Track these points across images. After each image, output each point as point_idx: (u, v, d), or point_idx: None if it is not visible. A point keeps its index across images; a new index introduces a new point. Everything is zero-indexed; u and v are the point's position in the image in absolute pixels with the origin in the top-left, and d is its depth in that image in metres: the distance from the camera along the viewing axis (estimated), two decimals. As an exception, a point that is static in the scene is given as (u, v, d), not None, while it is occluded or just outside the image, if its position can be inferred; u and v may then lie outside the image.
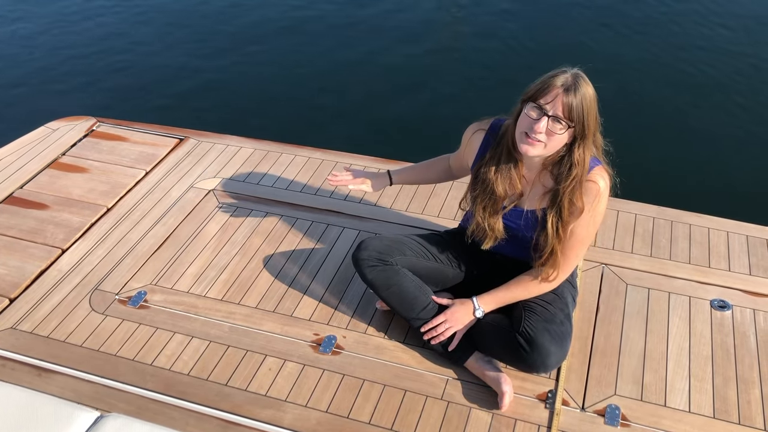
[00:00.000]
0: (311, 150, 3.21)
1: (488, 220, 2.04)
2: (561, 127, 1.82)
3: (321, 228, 2.72)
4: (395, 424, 1.97)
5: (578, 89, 1.80)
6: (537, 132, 1.83)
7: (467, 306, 2.09)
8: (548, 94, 1.81)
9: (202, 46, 5.60)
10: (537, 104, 1.82)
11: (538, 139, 1.84)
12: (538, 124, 1.82)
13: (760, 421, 1.96)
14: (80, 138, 3.33)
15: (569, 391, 2.05)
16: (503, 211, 2.04)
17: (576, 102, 1.79)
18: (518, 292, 2.07)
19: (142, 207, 2.86)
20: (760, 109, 4.51)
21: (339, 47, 5.48)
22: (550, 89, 1.81)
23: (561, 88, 1.80)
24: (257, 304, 2.38)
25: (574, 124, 1.82)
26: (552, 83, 1.81)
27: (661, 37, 5.38)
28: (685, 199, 3.15)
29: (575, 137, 1.86)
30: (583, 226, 1.96)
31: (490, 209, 2.03)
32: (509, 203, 2.03)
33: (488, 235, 2.07)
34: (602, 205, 1.95)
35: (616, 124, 4.34)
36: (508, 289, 2.08)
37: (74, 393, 2.08)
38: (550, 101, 1.81)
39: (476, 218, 2.07)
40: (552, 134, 1.83)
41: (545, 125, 1.82)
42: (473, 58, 5.23)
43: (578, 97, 1.79)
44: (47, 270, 2.55)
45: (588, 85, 1.83)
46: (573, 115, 1.81)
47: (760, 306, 2.33)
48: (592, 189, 1.92)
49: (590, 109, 1.82)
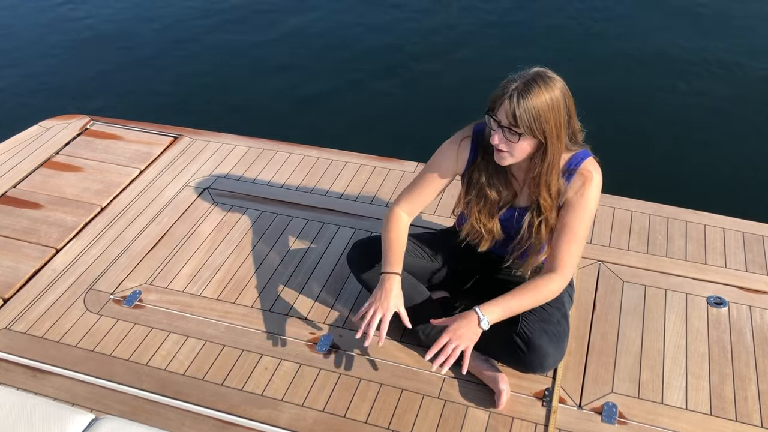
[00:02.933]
0: (306, 148, 3.20)
1: (484, 224, 2.02)
2: (512, 135, 1.77)
3: (317, 227, 2.71)
4: (392, 423, 1.96)
5: (525, 95, 1.72)
6: (495, 143, 1.81)
7: (470, 318, 1.89)
8: (498, 103, 1.77)
9: (196, 44, 5.57)
10: (491, 116, 1.80)
11: (501, 149, 1.82)
12: (494, 137, 1.80)
13: (757, 418, 1.96)
14: (74, 137, 3.31)
15: (566, 389, 2.05)
16: (499, 213, 2.03)
17: (520, 109, 1.72)
18: (526, 297, 1.91)
19: (137, 206, 2.85)
20: (756, 104, 4.51)
21: (334, 44, 5.47)
22: (499, 99, 1.77)
23: (506, 96, 1.75)
24: (253, 303, 2.37)
25: (525, 133, 1.76)
26: (500, 92, 1.77)
27: (658, 34, 5.38)
28: (682, 195, 3.15)
29: (541, 142, 1.80)
30: (573, 218, 1.91)
31: (485, 213, 2.01)
32: (504, 204, 2.02)
33: (485, 238, 2.05)
34: (592, 197, 1.90)
35: (612, 122, 4.34)
36: (514, 296, 1.91)
37: (69, 394, 2.07)
38: (498, 111, 1.78)
39: (471, 222, 2.04)
40: (509, 143, 1.79)
41: (501, 137, 1.79)
42: (474, 54, 5.21)
43: (522, 104, 1.71)
44: (41, 270, 2.54)
45: (543, 89, 1.73)
46: (520, 122, 1.73)
47: (756, 303, 2.33)
48: (578, 181, 1.89)
49: (544, 111, 1.73)
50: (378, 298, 1.98)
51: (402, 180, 2.94)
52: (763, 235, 2.61)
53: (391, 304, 1.97)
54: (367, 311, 1.98)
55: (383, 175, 2.99)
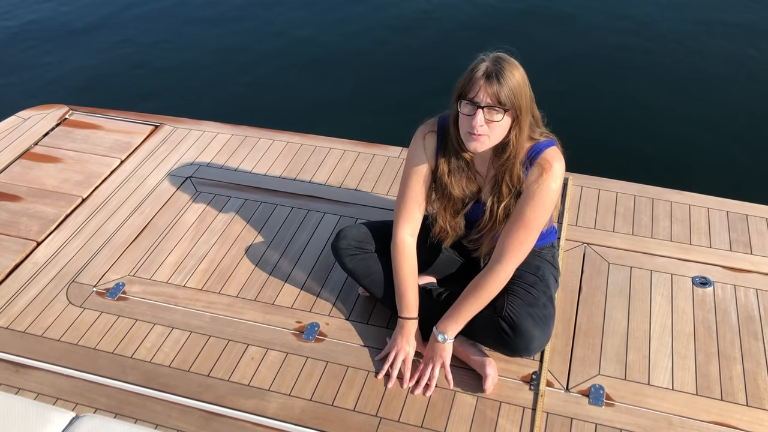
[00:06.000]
0: (289, 135, 3.16)
1: (449, 222, 2.05)
2: (497, 113, 1.79)
3: (301, 214, 2.69)
4: (380, 410, 1.96)
5: (501, 74, 1.76)
6: (476, 127, 1.80)
7: (431, 340, 2.01)
8: (474, 86, 1.78)
9: (174, 32, 5.49)
10: (468, 100, 1.80)
11: (480, 133, 1.81)
12: (475, 119, 1.79)
13: (742, 397, 1.97)
14: (53, 127, 3.26)
15: (553, 372, 2.05)
16: (464, 209, 2.03)
17: (502, 87, 1.76)
18: (475, 302, 1.95)
19: (118, 196, 2.81)
20: (737, 81, 4.51)
21: (316, 28, 5.41)
22: (474, 81, 1.78)
23: (483, 77, 1.77)
24: (238, 292, 2.35)
25: (509, 108, 1.79)
26: (474, 75, 1.78)
27: (644, 20, 5.37)
28: (665, 175, 3.15)
29: (513, 119, 1.83)
30: (530, 206, 1.90)
31: (451, 210, 2.03)
32: (469, 201, 2.02)
33: (449, 235, 2.08)
34: (550, 188, 1.89)
35: (594, 104, 4.33)
36: (463, 306, 1.97)
37: (53, 388, 2.04)
38: (477, 92, 1.78)
39: (439, 221, 2.05)
40: (491, 122, 1.80)
41: (482, 118, 1.79)
42: (458, 40, 5.17)
43: (503, 81, 1.76)
44: (22, 263, 2.50)
45: (512, 66, 1.79)
46: (503, 99, 1.77)
47: (740, 282, 2.34)
48: (538, 169, 1.89)
49: (520, 89, 1.78)
50: (399, 343, 2.06)
51: (386, 165, 2.92)
52: (747, 214, 2.62)
53: (411, 347, 2.06)
54: (389, 353, 2.06)
55: (367, 160, 2.96)
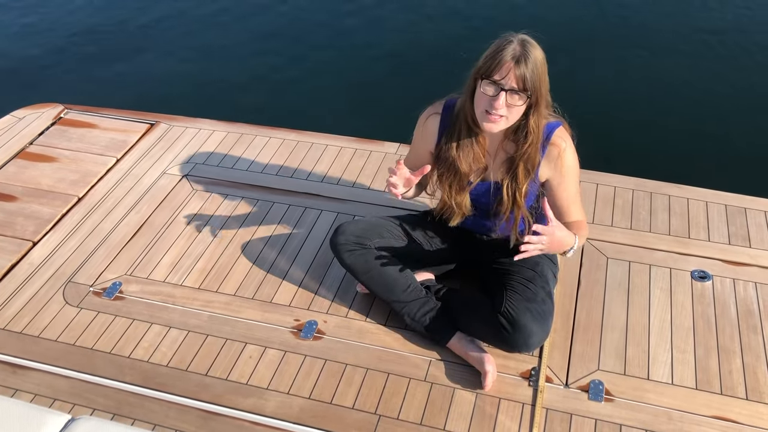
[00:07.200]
0: (285, 131, 3.15)
1: (455, 198, 2.04)
2: (519, 98, 1.80)
3: (298, 212, 2.68)
4: (379, 407, 1.95)
5: (528, 58, 1.76)
6: (497, 108, 1.80)
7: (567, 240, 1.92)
8: (501, 68, 1.77)
9: (169, 29, 5.47)
10: (492, 80, 1.79)
11: (499, 114, 1.81)
12: (497, 100, 1.79)
13: (742, 391, 1.96)
14: (48, 126, 3.24)
15: (552, 368, 2.04)
16: (470, 186, 2.03)
17: (529, 72, 1.77)
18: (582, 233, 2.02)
19: (114, 195, 2.79)
20: (736, 75, 4.50)
21: (311, 24, 5.39)
22: (502, 63, 1.77)
23: (512, 60, 1.77)
24: (235, 291, 2.34)
25: (531, 93, 1.80)
26: (502, 56, 1.77)
27: (639, 12, 5.35)
28: (664, 169, 3.14)
29: (530, 104, 1.84)
30: (566, 186, 1.98)
31: (456, 186, 2.02)
32: (475, 178, 2.02)
33: (456, 212, 2.07)
34: (571, 163, 1.96)
35: (592, 98, 4.31)
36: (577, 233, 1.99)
37: (50, 389, 2.03)
38: (504, 75, 1.77)
39: (443, 197, 2.06)
40: (511, 106, 1.81)
41: (504, 100, 1.79)
42: (455, 36, 5.15)
43: (530, 66, 1.77)
44: (18, 264, 2.49)
45: (537, 50, 1.80)
46: (528, 85, 1.78)
47: (739, 275, 2.33)
48: (553, 152, 1.94)
49: (542, 75, 1.80)
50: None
51: (384, 162, 2.91)
52: (746, 207, 2.61)
53: None
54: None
55: (364, 157, 2.95)
